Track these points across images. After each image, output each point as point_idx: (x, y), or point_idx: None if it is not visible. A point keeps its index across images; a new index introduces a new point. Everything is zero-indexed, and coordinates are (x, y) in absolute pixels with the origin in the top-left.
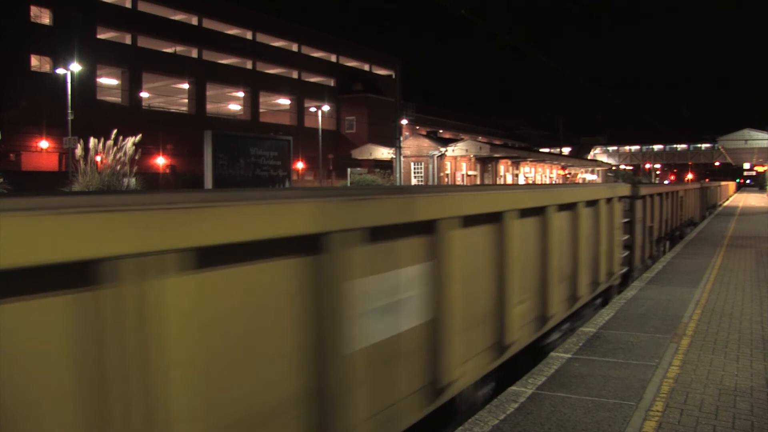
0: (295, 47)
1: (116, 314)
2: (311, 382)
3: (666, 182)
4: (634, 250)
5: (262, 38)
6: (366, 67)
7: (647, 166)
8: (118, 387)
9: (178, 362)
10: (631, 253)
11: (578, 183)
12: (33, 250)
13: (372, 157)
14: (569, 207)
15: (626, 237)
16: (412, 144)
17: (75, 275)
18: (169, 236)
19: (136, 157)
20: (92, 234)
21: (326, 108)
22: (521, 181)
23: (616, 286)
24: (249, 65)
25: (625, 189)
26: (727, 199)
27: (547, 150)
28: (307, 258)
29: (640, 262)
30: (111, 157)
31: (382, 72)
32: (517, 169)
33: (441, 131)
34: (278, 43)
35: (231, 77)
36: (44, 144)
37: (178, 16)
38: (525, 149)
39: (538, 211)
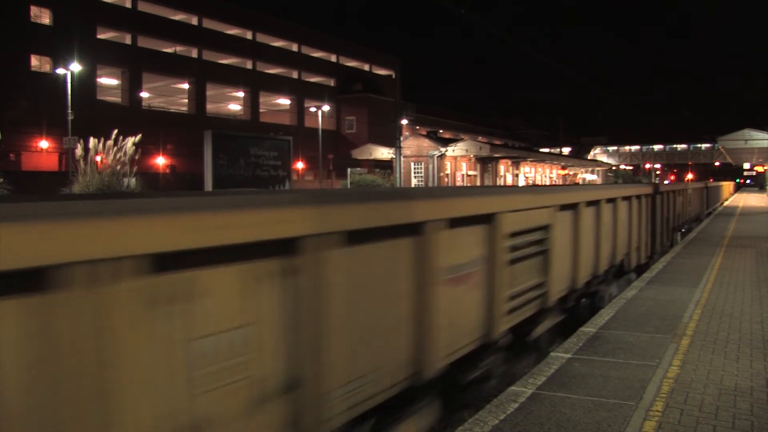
0: (295, 47)
1: None
2: None
3: (666, 182)
4: None
5: (262, 38)
6: (366, 67)
7: (647, 166)
8: None
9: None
10: None
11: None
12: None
13: (372, 157)
14: None
15: None
16: (412, 144)
17: None
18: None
19: (136, 157)
20: None
21: (326, 108)
22: (521, 181)
23: None
24: (249, 65)
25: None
26: (722, 204)
27: (547, 150)
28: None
29: None
30: (111, 157)
31: (382, 72)
32: (517, 169)
33: (441, 131)
34: (278, 43)
35: (231, 77)
36: (44, 144)
37: (178, 16)
38: (525, 149)
39: None
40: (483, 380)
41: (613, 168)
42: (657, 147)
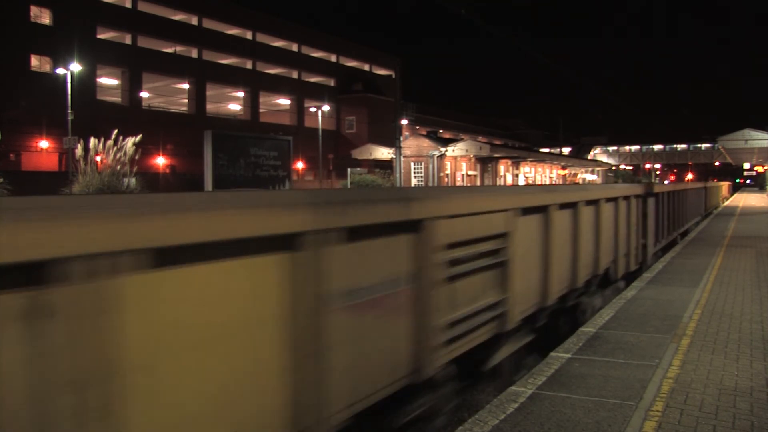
0: (295, 47)
1: None
2: None
3: (666, 182)
4: None
5: (262, 38)
6: (366, 67)
7: (647, 166)
8: None
9: None
10: None
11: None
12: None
13: (372, 157)
14: None
15: None
16: (412, 144)
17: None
18: None
19: (136, 157)
20: None
21: (326, 108)
22: (521, 181)
23: None
24: (249, 65)
25: None
26: (709, 216)
27: (547, 150)
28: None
29: None
30: (111, 157)
31: (382, 72)
32: (517, 169)
33: (441, 131)
34: (278, 43)
35: (231, 77)
36: (44, 144)
37: (178, 16)
38: (525, 149)
39: None
40: (426, 418)
41: (613, 168)
42: (657, 147)
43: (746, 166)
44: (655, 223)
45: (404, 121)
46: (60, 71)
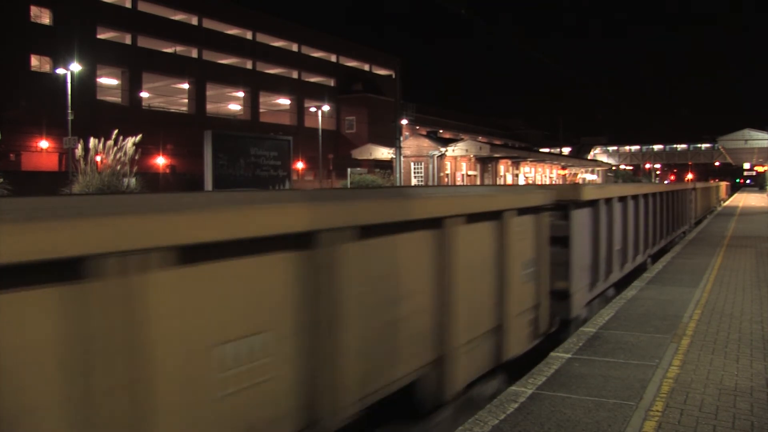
0: (295, 47)
1: None
2: None
3: (666, 182)
4: None
5: (262, 38)
6: (366, 67)
7: (647, 166)
8: None
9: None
10: None
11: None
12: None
13: (372, 157)
14: None
15: None
16: (412, 144)
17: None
18: None
19: (136, 157)
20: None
21: (326, 108)
22: (521, 181)
23: None
24: (249, 65)
25: None
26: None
27: (547, 150)
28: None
29: None
30: (111, 157)
31: (382, 72)
32: (517, 169)
33: (441, 131)
34: (278, 43)
35: (231, 77)
36: (44, 144)
37: (178, 16)
38: (525, 149)
39: None
40: None
41: (613, 168)
42: (657, 147)
43: (746, 166)
44: (593, 252)
45: (404, 121)
46: (60, 71)
